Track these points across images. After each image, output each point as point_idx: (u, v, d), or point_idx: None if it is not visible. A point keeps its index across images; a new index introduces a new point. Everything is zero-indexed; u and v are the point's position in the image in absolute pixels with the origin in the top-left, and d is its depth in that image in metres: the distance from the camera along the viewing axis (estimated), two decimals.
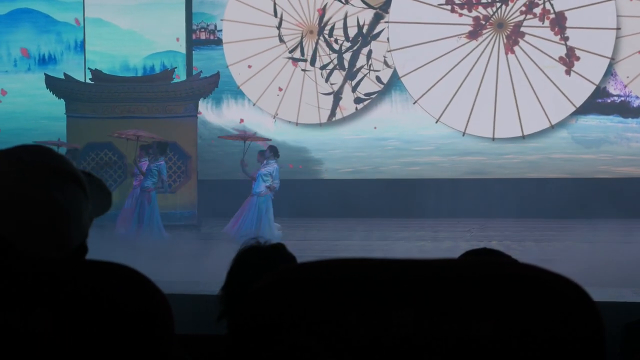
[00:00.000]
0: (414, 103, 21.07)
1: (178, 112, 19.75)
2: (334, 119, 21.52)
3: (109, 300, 1.29)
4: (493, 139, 20.75)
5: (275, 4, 21.71)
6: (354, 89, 21.51)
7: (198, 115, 20.27)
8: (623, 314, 5.93)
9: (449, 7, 20.92)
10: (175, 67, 21.07)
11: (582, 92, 20.39)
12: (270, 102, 21.62)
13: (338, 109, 21.50)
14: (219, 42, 21.95)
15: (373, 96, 21.44)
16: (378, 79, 21.42)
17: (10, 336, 1.30)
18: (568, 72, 20.47)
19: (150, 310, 1.31)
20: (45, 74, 20.62)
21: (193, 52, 21.96)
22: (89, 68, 21.10)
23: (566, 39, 20.46)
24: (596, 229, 16.52)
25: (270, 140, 18.90)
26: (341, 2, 21.51)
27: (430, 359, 1.09)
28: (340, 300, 1.10)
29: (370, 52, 21.47)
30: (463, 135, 20.86)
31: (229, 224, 16.84)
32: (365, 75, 21.50)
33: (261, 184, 16.58)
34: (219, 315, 3.21)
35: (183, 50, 21.98)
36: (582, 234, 16.41)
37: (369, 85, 21.46)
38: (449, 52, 20.89)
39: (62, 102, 20.09)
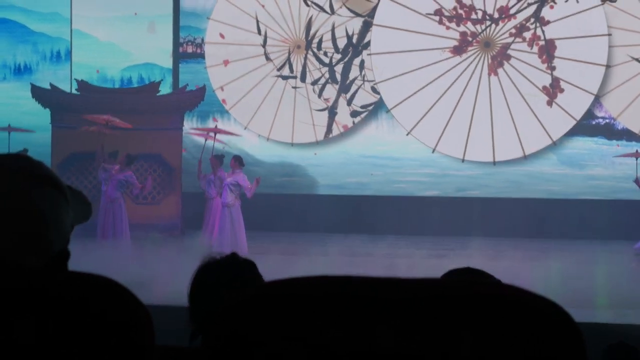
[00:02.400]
0: (387, 112, 20.86)
1: (163, 124, 19.74)
2: (330, 135, 21.22)
3: (90, 311, 1.28)
4: (463, 160, 20.57)
5: (258, 21, 21.43)
6: (349, 102, 21.09)
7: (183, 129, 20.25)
8: (605, 336, 5.95)
9: (437, 18, 20.56)
10: (162, 80, 21.03)
11: (561, 126, 20.09)
12: (262, 124, 21.27)
13: (334, 124, 21.18)
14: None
15: (370, 108, 21.07)
16: (373, 89, 20.97)
17: None
18: (550, 103, 20.11)
19: (131, 321, 1.30)
20: (31, 84, 20.63)
21: (180, 65, 21.93)
22: (75, 79, 21.07)
23: (553, 68, 20.12)
24: (580, 250, 16.56)
25: (240, 135, 18.86)
26: (327, 13, 21.17)
27: None
28: (320, 317, 1.10)
29: (362, 62, 21.01)
30: (433, 152, 20.66)
31: (206, 235, 16.75)
32: (359, 87, 21.10)
33: (229, 194, 16.48)
34: (191, 335, 3.13)
35: (163, 62, 21.90)
36: (565, 254, 16.43)
37: (364, 97, 21.12)
38: (431, 64, 20.52)
39: (40, 111, 20.08)
